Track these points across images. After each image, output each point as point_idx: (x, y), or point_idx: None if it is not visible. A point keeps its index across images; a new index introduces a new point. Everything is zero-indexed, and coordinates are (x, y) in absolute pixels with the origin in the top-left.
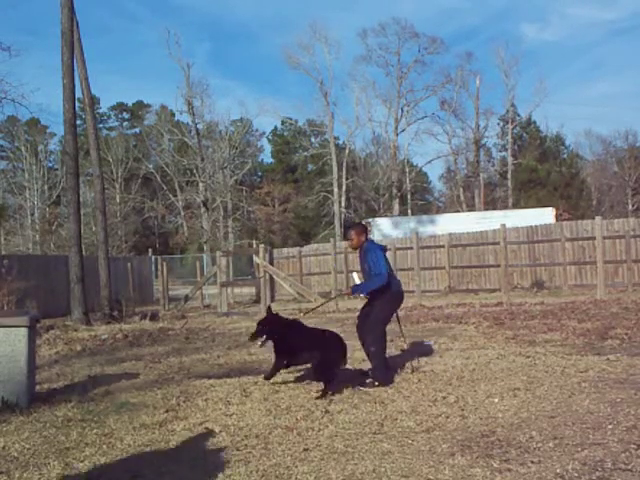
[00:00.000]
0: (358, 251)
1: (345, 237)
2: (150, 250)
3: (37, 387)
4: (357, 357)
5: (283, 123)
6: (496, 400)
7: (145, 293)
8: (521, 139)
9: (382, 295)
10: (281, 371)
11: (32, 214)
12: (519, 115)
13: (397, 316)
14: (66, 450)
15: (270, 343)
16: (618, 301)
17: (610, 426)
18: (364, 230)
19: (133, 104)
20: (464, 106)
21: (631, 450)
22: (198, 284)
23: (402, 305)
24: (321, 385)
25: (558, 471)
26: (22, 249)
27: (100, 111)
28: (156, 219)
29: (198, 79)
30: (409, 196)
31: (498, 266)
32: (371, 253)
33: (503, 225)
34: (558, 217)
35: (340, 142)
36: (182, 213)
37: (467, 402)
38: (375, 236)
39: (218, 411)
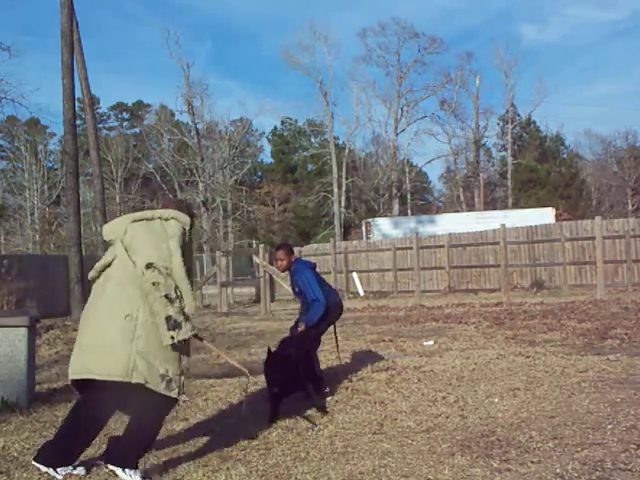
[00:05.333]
0: (288, 273)
1: (275, 258)
2: None
3: (37, 387)
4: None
5: (283, 123)
6: (496, 400)
7: None
8: (521, 139)
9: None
10: None
11: (32, 214)
12: (519, 115)
13: (334, 327)
14: None
15: None
16: (618, 301)
17: (610, 426)
18: (292, 250)
19: (133, 104)
20: (464, 106)
21: (631, 450)
22: (198, 284)
23: (402, 305)
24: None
25: (558, 471)
26: (22, 249)
27: (100, 111)
28: None
29: (198, 79)
30: (409, 196)
31: (498, 266)
32: (300, 275)
33: (503, 225)
34: (558, 217)
35: (340, 142)
36: None
37: (467, 402)
38: (375, 236)
39: (218, 411)
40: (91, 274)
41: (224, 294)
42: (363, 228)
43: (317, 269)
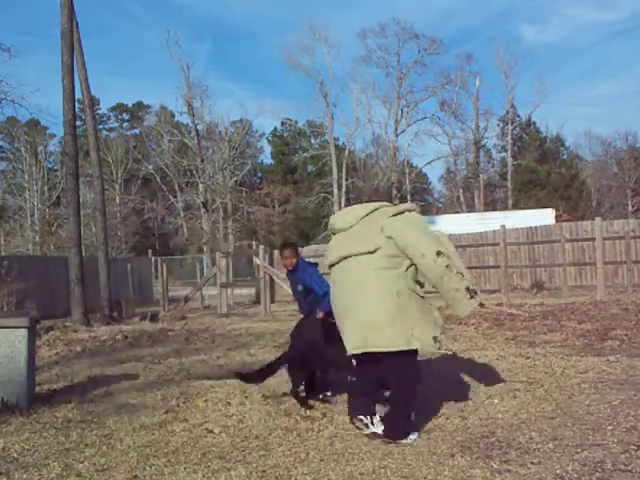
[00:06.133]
0: (288, 272)
1: (282, 256)
2: (150, 251)
3: (37, 388)
4: None
5: (283, 124)
6: (496, 401)
7: (145, 294)
8: (521, 140)
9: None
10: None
11: (32, 215)
12: (519, 116)
13: None
14: (66, 451)
15: None
16: (618, 302)
17: (610, 427)
18: (297, 249)
19: (133, 105)
20: (464, 107)
21: (631, 451)
22: (198, 285)
23: None
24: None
25: (558, 472)
26: (22, 250)
27: (100, 112)
28: (156, 220)
29: (198, 80)
30: (409, 197)
31: (498, 267)
32: (305, 274)
33: (503, 226)
34: (558, 218)
35: (340, 143)
36: (182, 214)
37: (467, 403)
38: None
39: (218, 412)
40: (335, 258)
41: (224, 295)
42: None
43: (318, 268)
